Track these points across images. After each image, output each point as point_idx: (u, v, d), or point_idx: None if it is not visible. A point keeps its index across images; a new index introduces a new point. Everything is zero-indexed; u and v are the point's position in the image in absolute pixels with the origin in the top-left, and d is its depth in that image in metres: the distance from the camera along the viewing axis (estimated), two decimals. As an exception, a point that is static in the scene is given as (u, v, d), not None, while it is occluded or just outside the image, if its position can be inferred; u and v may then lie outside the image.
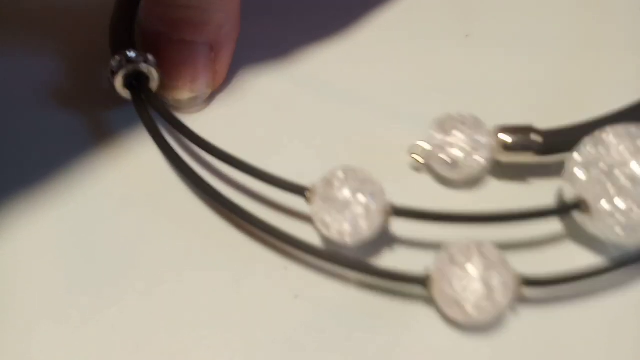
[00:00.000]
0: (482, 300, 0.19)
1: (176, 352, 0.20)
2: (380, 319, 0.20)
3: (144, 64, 0.23)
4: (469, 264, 0.20)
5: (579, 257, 0.21)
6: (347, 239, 0.21)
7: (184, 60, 0.23)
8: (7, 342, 0.20)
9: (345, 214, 0.20)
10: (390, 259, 0.21)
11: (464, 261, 0.20)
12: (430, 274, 0.20)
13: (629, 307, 0.20)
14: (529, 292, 0.20)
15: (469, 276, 0.19)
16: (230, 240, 0.22)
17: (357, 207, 0.20)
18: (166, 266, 0.21)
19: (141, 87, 0.23)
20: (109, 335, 0.20)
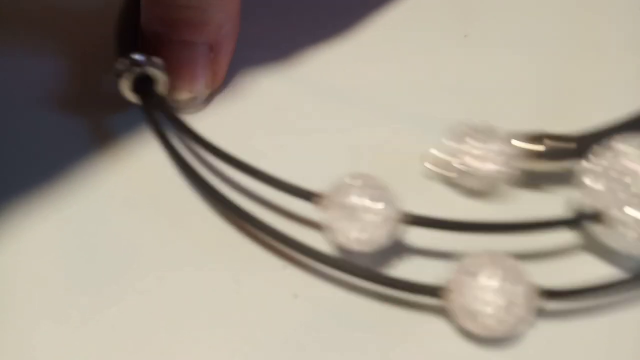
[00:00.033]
0: (500, 312, 0.19)
1: (176, 352, 0.20)
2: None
3: (151, 67, 0.23)
4: (487, 275, 0.19)
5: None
6: (359, 247, 0.20)
7: (183, 60, 0.23)
8: (7, 342, 0.20)
9: (358, 221, 0.20)
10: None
11: (482, 272, 0.19)
12: (446, 285, 0.20)
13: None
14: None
15: (487, 287, 0.19)
16: (232, 242, 0.21)
17: (370, 215, 0.20)
18: (167, 266, 0.21)
19: (148, 91, 0.23)
20: (109, 335, 0.20)
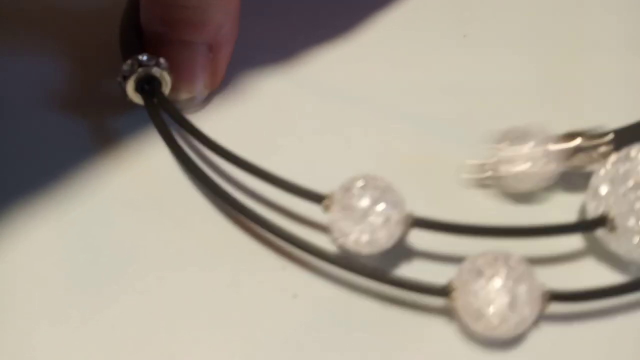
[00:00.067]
0: (505, 310, 0.19)
1: (176, 352, 0.19)
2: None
3: (156, 68, 0.23)
4: (495, 275, 0.19)
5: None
6: (363, 249, 0.20)
7: (182, 60, 0.23)
8: (7, 342, 0.19)
9: (362, 223, 0.20)
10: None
11: (490, 272, 0.19)
12: (452, 284, 0.20)
13: None
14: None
15: (494, 288, 0.19)
16: (234, 242, 0.21)
17: (376, 217, 0.20)
18: (168, 267, 0.21)
19: (153, 91, 0.23)
20: (109, 335, 0.20)
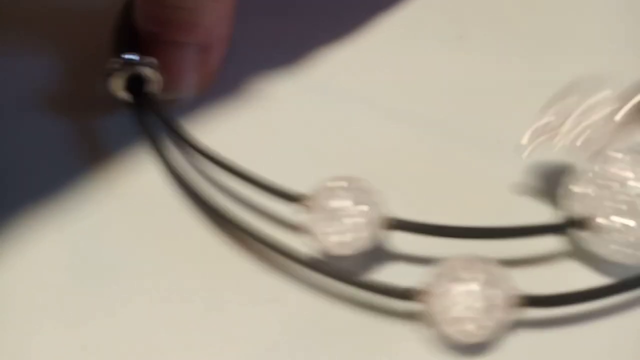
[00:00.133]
0: (479, 316, 0.19)
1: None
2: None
3: (144, 67, 0.23)
4: (468, 279, 0.19)
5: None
6: (340, 250, 0.20)
7: (173, 60, 0.23)
8: (7, 342, 0.20)
9: (339, 224, 0.20)
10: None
11: (464, 276, 0.19)
12: (424, 288, 0.19)
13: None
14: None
15: (465, 291, 0.19)
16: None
17: (352, 218, 0.20)
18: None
19: (140, 90, 0.23)
20: (109, 335, 0.20)
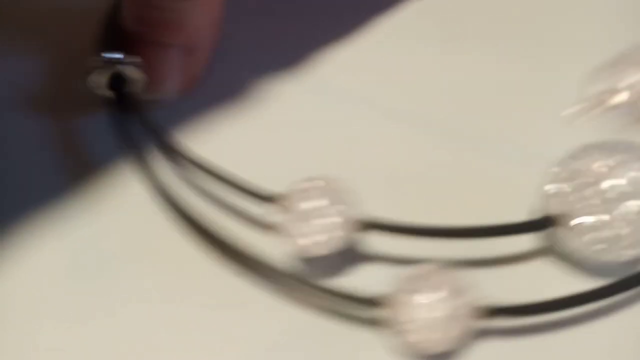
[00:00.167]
0: (444, 327, 0.18)
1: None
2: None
3: (126, 66, 0.22)
4: (433, 288, 0.18)
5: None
6: (313, 251, 0.20)
7: (156, 61, 0.23)
8: (7, 342, 0.20)
9: (314, 224, 0.19)
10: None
11: (429, 284, 0.18)
12: (386, 297, 0.19)
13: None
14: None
15: (432, 300, 0.18)
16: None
17: (327, 219, 0.19)
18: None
19: (123, 90, 0.23)
20: (109, 335, 0.20)
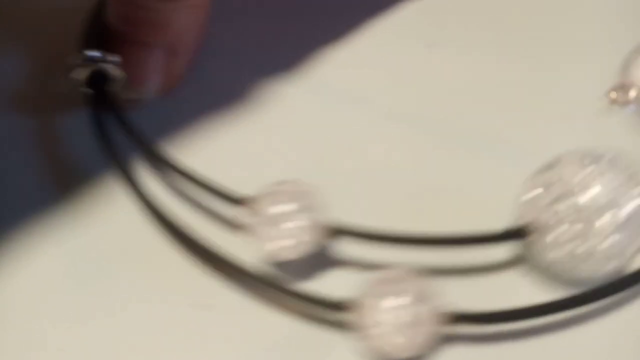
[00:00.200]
0: (409, 332, 0.18)
1: None
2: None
3: (106, 65, 0.22)
4: (398, 293, 0.18)
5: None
6: (282, 255, 0.20)
7: (138, 60, 0.23)
8: (7, 342, 0.20)
9: (283, 228, 0.19)
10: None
11: (394, 289, 0.18)
12: (353, 301, 0.18)
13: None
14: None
15: (397, 305, 0.18)
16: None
17: (296, 222, 0.19)
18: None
19: (102, 88, 0.23)
20: (108, 336, 0.20)
